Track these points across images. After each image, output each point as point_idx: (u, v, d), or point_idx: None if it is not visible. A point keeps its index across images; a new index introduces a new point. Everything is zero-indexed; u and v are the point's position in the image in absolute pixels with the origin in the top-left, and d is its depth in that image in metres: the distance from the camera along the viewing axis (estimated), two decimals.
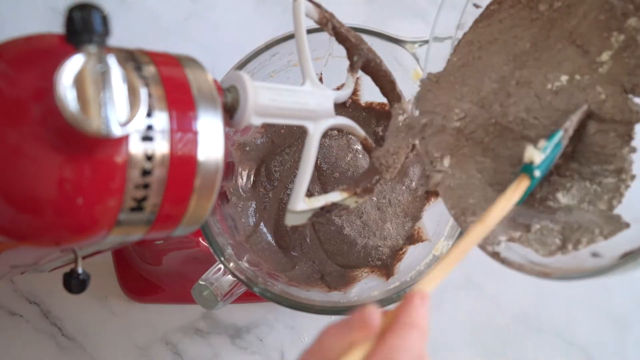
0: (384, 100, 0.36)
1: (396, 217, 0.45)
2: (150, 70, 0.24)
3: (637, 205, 0.29)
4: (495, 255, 0.29)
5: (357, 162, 0.45)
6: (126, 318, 0.52)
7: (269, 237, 0.46)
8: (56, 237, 0.24)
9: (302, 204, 0.30)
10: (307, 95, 0.30)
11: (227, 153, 0.34)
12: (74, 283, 0.28)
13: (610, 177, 0.29)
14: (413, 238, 0.44)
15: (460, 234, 0.37)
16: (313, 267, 0.45)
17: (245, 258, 0.41)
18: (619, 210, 0.29)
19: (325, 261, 0.46)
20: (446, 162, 0.32)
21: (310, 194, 0.45)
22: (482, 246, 0.28)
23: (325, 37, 0.39)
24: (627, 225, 0.27)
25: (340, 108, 0.45)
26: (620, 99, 0.29)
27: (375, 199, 0.45)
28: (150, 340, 0.51)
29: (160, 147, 0.24)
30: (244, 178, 0.46)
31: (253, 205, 0.46)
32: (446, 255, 0.27)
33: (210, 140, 0.25)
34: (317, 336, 0.24)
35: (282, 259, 0.45)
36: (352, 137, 0.45)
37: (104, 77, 0.21)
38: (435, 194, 0.44)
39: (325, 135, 0.44)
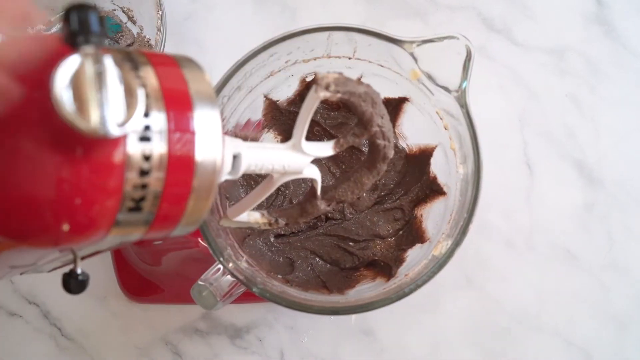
0: None
1: (387, 222, 0.46)
2: (147, 70, 0.24)
3: None
4: None
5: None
6: (126, 318, 0.52)
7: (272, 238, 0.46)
8: (54, 238, 0.24)
9: (241, 216, 0.34)
10: (286, 159, 0.31)
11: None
12: (73, 284, 0.28)
13: None
14: (415, 238, 0.44)
15: (460, 234, 0.37)
16: (312, 272, 0.45)
17: (244, 258, 0.41)
18: None
19: (323, 265, 0.46)
20: None
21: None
22: None
23: (323, 37, 0.39)
24: None
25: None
26: None
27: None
28: (150, 340, 0.51)
29: (158, 147, 0.24)
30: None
31: None
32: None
33: (209, 140, 0.25)
34: None
35: (279, 264, 0.45)
36: None
37: (100, 78, 0.21)
38: (434, 197, 0.45)
39: None
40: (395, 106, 0.44)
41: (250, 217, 0.34)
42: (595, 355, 0.51)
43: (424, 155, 0.45)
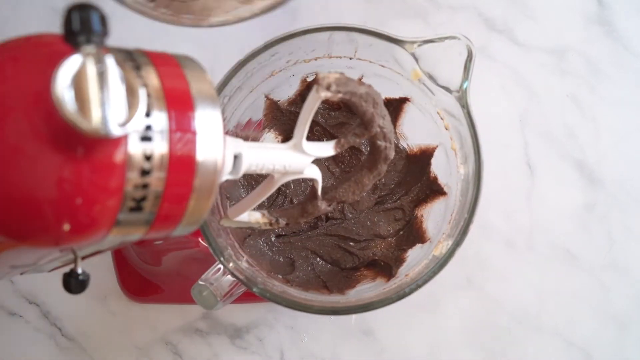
0: None
1: (387, 221, 0.46)
2: (149, 70, 0.24)
3: None
4: None
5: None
6: (126, 318, 0.52)
7: (273, 238, 0.46)
8: (55, 238, 0.24)
9: (242, 216, 0.34)
10: (287, 159, 0.31)
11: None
12: (74, 283, 0.28)
13: None
14: (415, 238, 0.44)
15: (460, 234, 0.37)
16: (313, 272, 0.45)
17: (244, 258, 0.41)
18: None
19: (324, 265, 0.46)
20: None
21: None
22: None
23: (324, 37, 0.39)
24: None
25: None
26: None
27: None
28: (150, 340, 0.51)
29: (159, 147, 0.24)
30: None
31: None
32: None
33: (210, 140, 0.25)
34: None
35: (279, 264, 0.45)
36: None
37: (102, 77, 0.21)
38: (434, 197, 0.44)
39: None
40: (396, 106, 0.44)
41: (251, 217, 0.34)
42: (595, 355, 0.51)
43: (425, 156, 0.45)
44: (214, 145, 0.26)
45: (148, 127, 0.24)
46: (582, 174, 0.53)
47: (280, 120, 0.46)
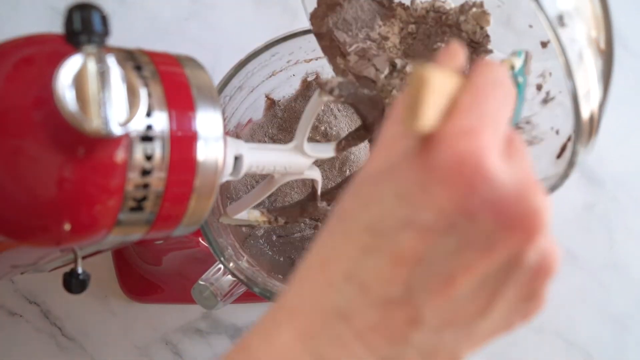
0: None
1: None
2: (149, 69, 0.24)
3: None
4: None
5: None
6: (126, 318, 0.52)
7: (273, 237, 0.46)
8: (56, 237, 0.24)
9: (241, 214, 0.34)
10: (288, 160, 0.32)
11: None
12: (74, 283, 0.28)
13: None
14: None
15: None
16: None
17: (245, 258, 0.41)
18: None
19: None
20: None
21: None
22: None
23: None
24: None
25: None
26: None
27: None
28: (150, 340, 0.51)
29: (160, 147, 0.24)
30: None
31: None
32: None
33: (210, 140, 0.25)
34: None
35: (279, 264, 0.45)
36: None
37: (103, 77, 0.21)
38: None
39: None
40: None
41: (250, 215, 0.34)
42: (595, 356, 0.51)
43: None
44: (215, 145, 0.26)
45: (149, 127, 0.24)
46: (582, 174, 0.53)
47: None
